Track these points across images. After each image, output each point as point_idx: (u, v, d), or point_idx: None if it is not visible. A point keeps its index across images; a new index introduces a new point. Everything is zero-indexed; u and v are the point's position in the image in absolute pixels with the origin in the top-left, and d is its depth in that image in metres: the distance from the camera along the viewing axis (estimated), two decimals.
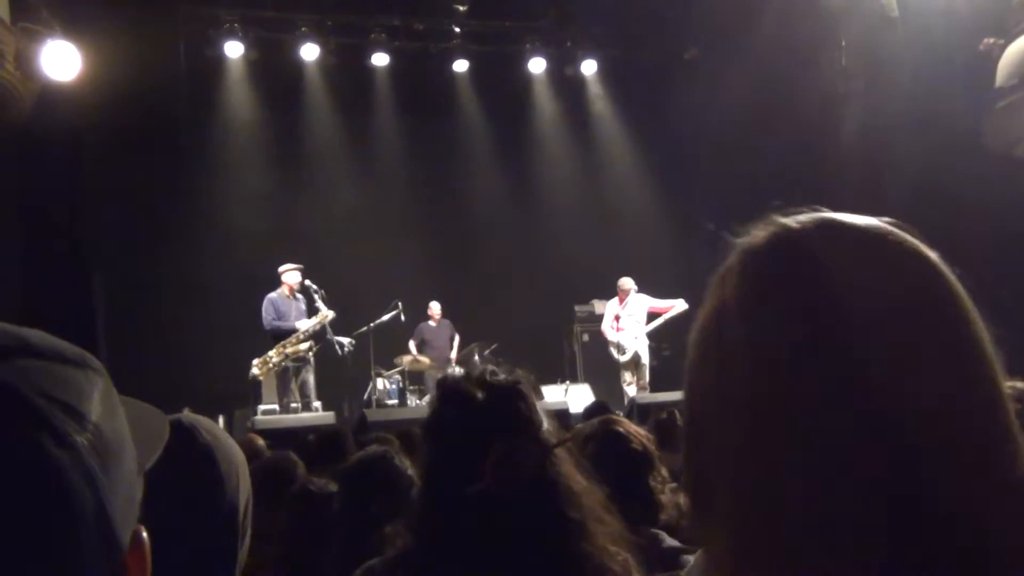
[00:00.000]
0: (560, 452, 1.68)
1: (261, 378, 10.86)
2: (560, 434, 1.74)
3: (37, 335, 0.78)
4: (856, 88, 11.64)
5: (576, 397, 12.54)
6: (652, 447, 2.65)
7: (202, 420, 1.77)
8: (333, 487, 3.44)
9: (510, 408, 1.68)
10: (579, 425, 5.34)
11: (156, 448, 0.89)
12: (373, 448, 3.04)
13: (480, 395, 1.69)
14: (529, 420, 1.68)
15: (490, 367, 1.76)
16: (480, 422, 1.66)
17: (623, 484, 2.51)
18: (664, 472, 2.65)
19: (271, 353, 10.67)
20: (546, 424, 1.70)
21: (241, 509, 1.69)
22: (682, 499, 3.04)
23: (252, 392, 11.56)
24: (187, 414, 1.80)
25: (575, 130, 16.15)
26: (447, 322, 13.92)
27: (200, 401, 11.92)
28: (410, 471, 2.82)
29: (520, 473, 1.61)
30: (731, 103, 13.95)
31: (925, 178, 10.72)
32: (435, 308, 13.76)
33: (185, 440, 1.68)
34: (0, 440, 0.70)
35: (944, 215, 10.28)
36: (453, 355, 13.73)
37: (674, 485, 2.72)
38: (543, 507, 1.61)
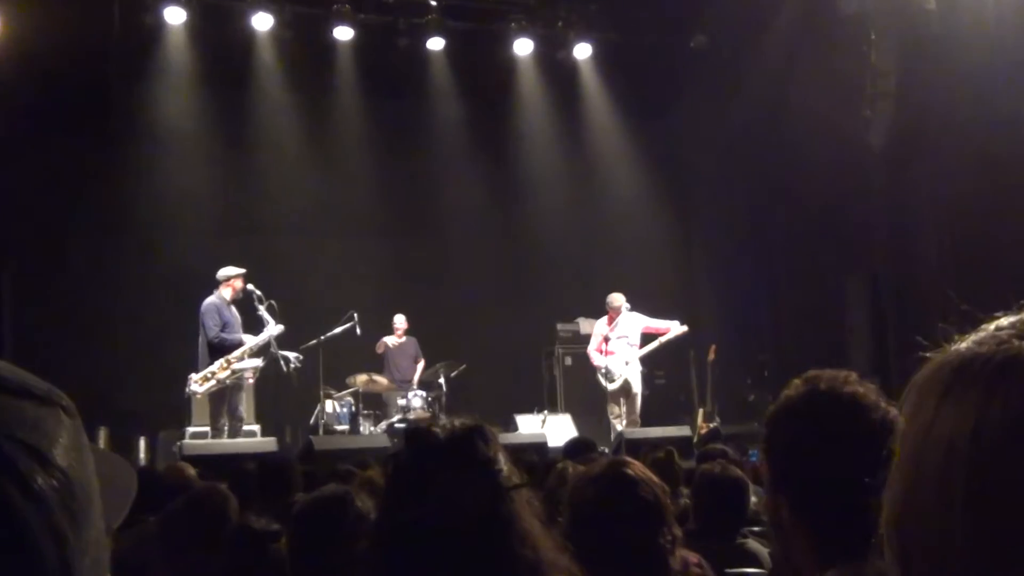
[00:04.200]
0: (518, 496, 1.84)
1: (200, 396, 10.75)
2: (521, 478, 1.91)
3: (3, 366, 0.78)
4: (887, 88, 11.70)
5: (555, 429, 12.51)
6: (665, 499, 2.63)
7: None
8: (275, 527, 3.39)
9: (468, 448, 1.84)
10: (564, 462, 5.33)
11: (124, 506, 0.88)
12: (331, 487, 2.99)
13: (441, 434, 1.87)
14: (486, 460, 1.84)
15: (462, 418, 1.95)
16: (437, 459, 1.83)
17: (628, 536, 2.51)
18: (677, 531, 2.63)
19: (214, 368, 10.57)
20: (505, 468, 1.87)
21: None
22: (688, 557, 3.01)
23: (182, 411, 11.46)
24: None
25: (564, 123, 16.17)
26: (412, 340, 13.87)
27: (120, 419, 11.86)
28: (373, 515, 2.77)
29: (467, 508, 1.77)
30: (743, 99, 14.02)
31: (966, 185, 10.82)
32: (399, 322, 13.70)
33: None
34: None
35: (988, 222, 10.43)
36: (416, 377, 13.67)
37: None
38: (493, 544, 1.77)
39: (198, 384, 10.59)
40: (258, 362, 10.90)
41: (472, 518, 1.78)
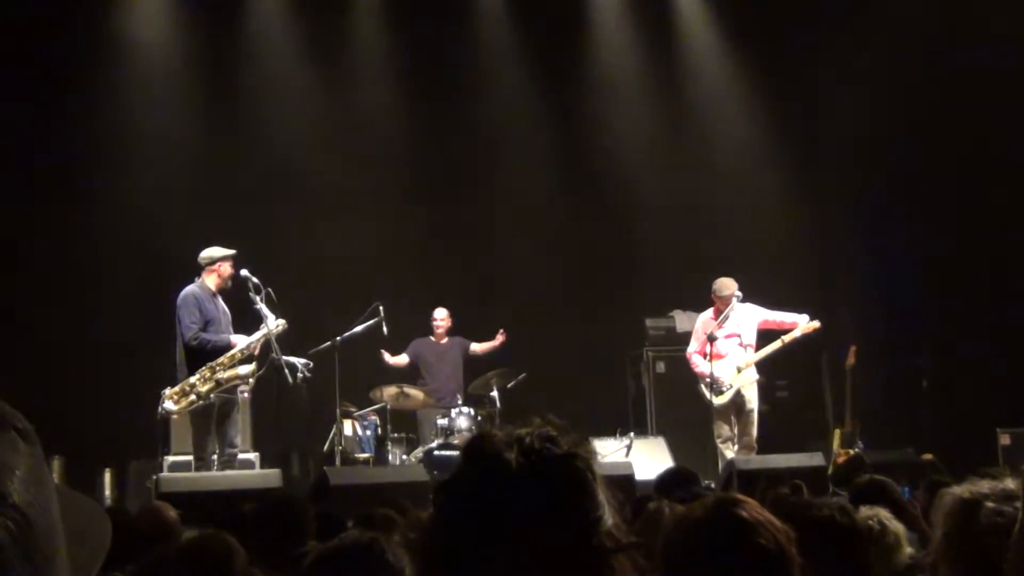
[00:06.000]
0: (623, 561, 1.67)
1: (176, 416, 10.85)
2: (627, 533, 1.73)
3: None
4: None
5: (644, 457, 12.52)
6: (791, 548, 2.62)
7: None
8: None
9: (555, 487, 1.67)
10: (657, 501, 5.34)
11: (95, 561, 0.88)
12: (353, 534, 3.05)
13: (516, 462, 1.68)
14: (581, 509, 1.68)
15: (544, 428, 1.73)
16: (509, 500, 1.66)
17: None
18: None
19: (194, 379, 10.66)
20: (610, 518, 1.70)
21: None
22: None
23: (157, 436, 11.57)
24: None
25: (654, 52, 16.11)
26: (458, 340, 13.93)
27: (78, 447, 11.97)
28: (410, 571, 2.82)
29: None
30: (897, 16, 13.86)
31: None
32: (440, 317, 13.75)
33: None
34: None
35: None
36: (460, 388, 13.69)
37: None
38: None
39: (173, 401, 10.66)
40: (252, 368, 10.93)
41: None
